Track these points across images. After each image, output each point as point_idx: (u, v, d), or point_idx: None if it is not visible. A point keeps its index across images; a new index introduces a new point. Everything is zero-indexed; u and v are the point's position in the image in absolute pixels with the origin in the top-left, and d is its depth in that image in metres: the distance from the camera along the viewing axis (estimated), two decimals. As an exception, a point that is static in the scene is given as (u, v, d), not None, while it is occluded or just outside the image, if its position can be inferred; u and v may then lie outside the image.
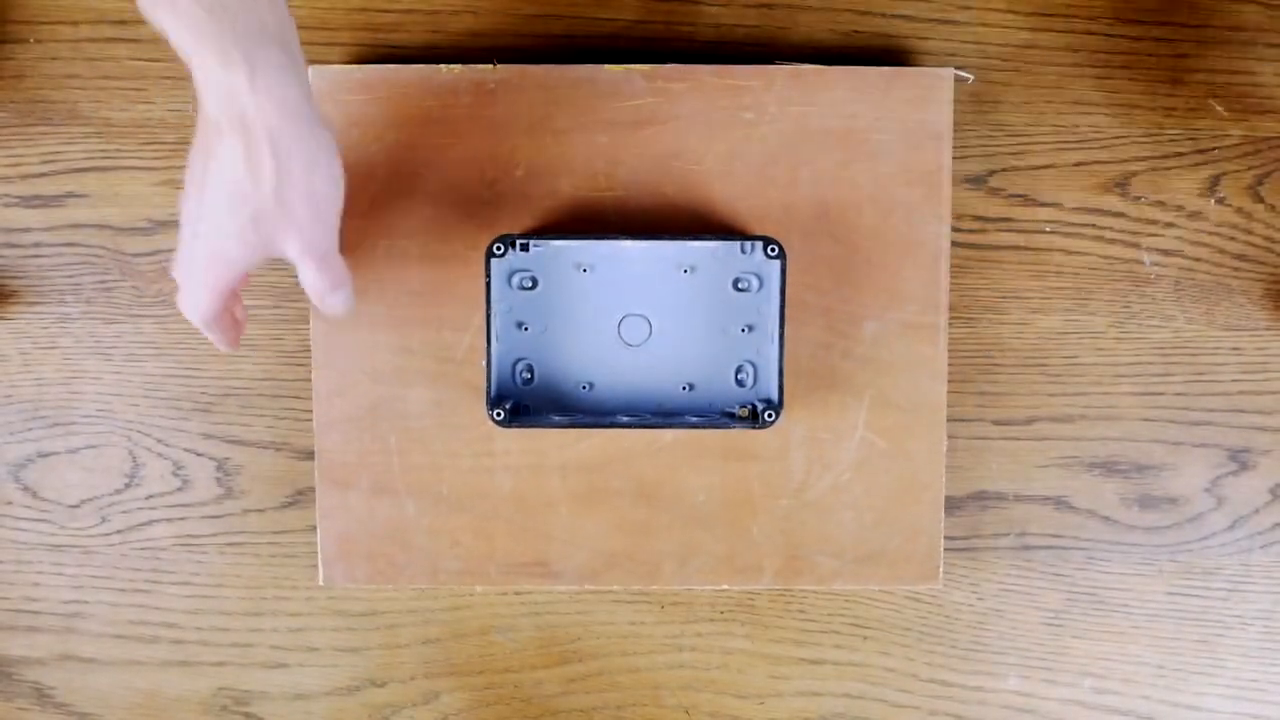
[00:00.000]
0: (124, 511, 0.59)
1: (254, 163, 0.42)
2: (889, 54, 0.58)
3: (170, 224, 0.58)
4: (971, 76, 0.58)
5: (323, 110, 0.55)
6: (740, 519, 0.57)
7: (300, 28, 0.58)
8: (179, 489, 0.59)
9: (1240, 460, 0.60)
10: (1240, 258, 0.59)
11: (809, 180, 0.56)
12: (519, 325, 0.55)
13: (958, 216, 0.58)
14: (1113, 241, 0.59)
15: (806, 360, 0.57)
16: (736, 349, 0.56)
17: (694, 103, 0.56)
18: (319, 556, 0.57)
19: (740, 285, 0.56)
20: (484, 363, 0.54)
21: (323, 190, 0.44)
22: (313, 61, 0.57)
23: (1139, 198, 0.59)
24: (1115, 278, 0.59)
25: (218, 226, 0.43)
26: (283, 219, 0.43)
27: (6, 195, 0.58)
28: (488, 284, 0.53)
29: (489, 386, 0.53)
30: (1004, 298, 0.59)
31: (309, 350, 0.57)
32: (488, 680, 0.60)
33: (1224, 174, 0.58)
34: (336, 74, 0.55)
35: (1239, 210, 0.59)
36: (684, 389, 0.56)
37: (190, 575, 0.60)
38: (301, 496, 0.59)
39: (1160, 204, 0.59)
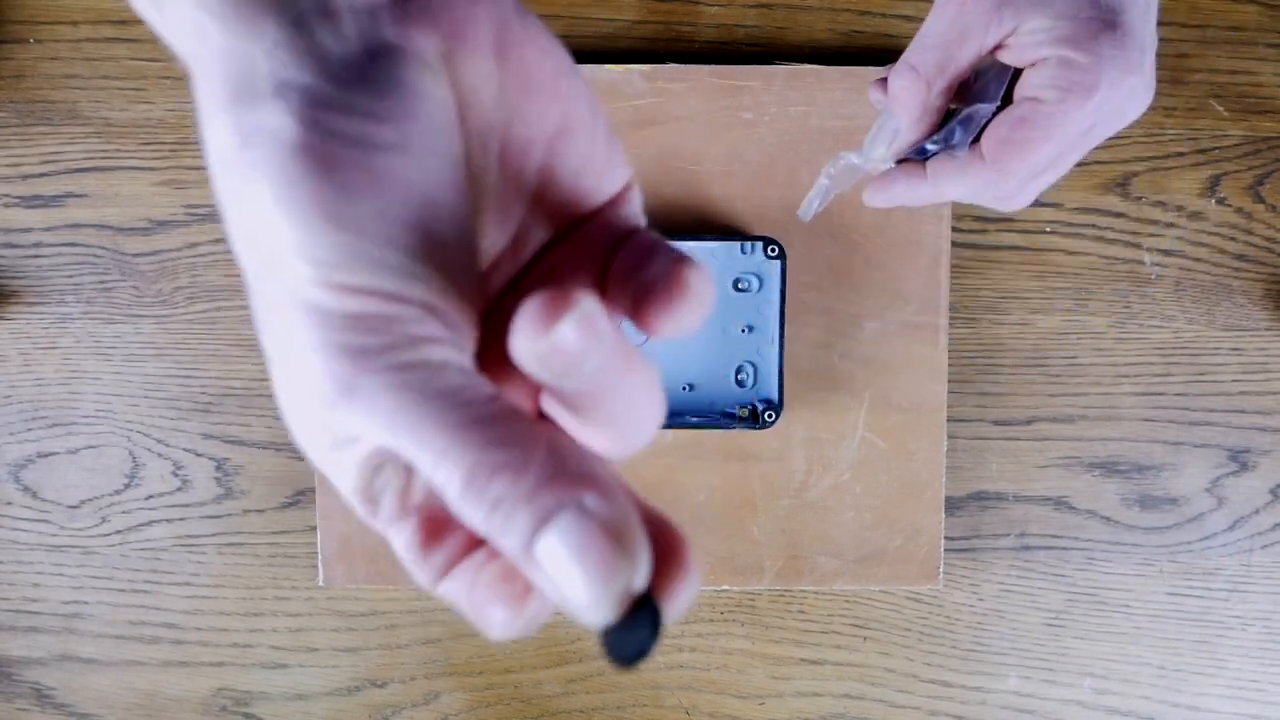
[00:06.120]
0: (124, 512, 0.59)
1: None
2: (889, 54, 0.58)
3: (169, 224, 0.58)
4: (972, 76, 0.58)
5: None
6: (741, 519, 0.57)
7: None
8: (179, 489, 0.59)
9: (1241, 460, 0.60)
10: (1241, 258, 0.59)
11: (809, 180, 0.56)
12: (519, 325, 0.55)
13: (958, 216, 0.58)
14: (1113, 242, 0.59)
15: (806, 360, 0.57)
16: (736, 349, 0.56)
17: (694, 103, 0.56)
18: (319, 557, 0.57)
19: (740, 285, 0.56)
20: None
21: (291, 233, 0.20)
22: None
23: (1139, 198, 0.59)
24: (1116, 278, 0.59)
25: None
26: None
27: (6, 195, 0.58)
28: (488, 284, 0.53)
29: (489, 387, 0.53)
30: (1004, 298, 0.59)
31: (309, 350, 0.57)
32: (488, 680, 0.60)
33: (1224, 174, 0.58)
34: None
35: (1239, 210, 0.59)
36: (684, 389, 0.56)
37: (190, 576, 0.60)
38: (301, 497, 0.59)
39: (1161, 204, 0.59)
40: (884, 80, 0.38)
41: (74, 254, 0.58)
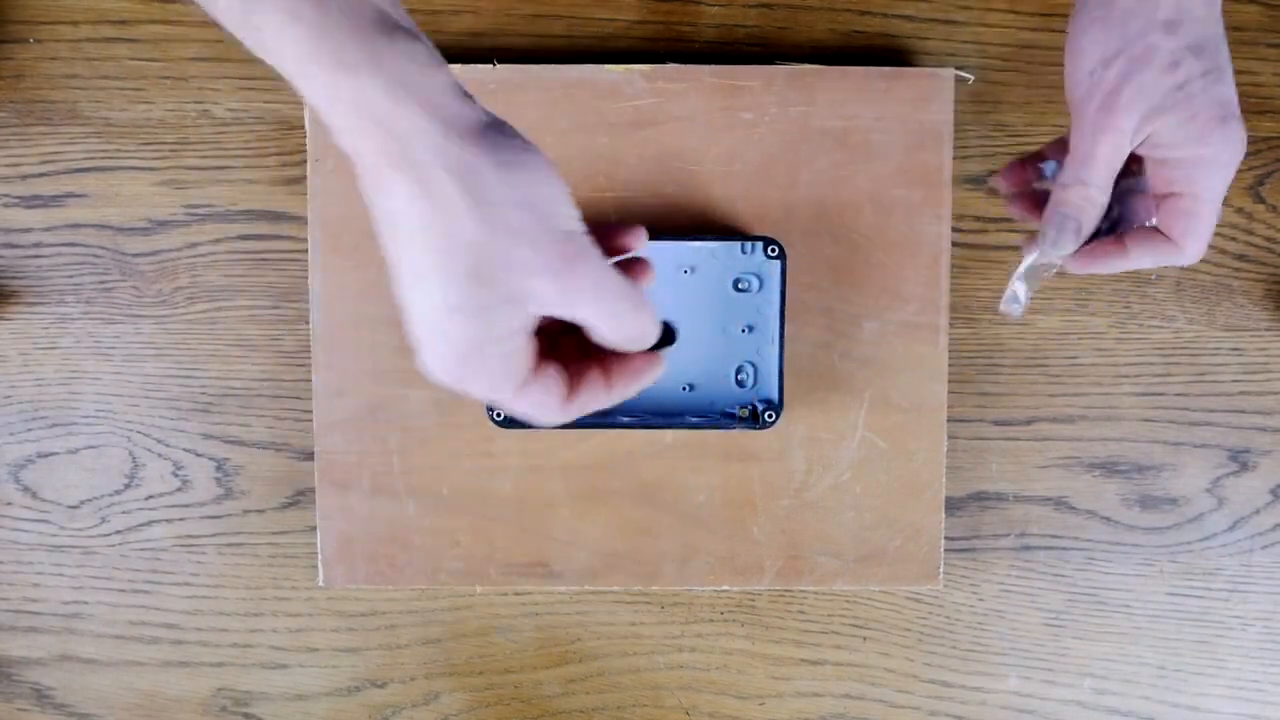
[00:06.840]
0: (124, 512, 0.59)
1: (434, 197, 0.30)
2: (889, 54, 0.58)
3: (169, 224, 0.58)
4: (972, 77, 0.58)
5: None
6: (741, 519, 0.57)
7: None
8: (179, 489, 0.59)
9: (1241, 461, 0.60)
10: (1241, 258, 0.59)
11: (809, 180, 0.56)
12: (519, 325, 0.55)
13: (958, 216, 0.58)
14: (1113, 242, 0.59)
15: (806, 360, 0.57)
16: (736, 349, 0.56)
17: (694, 103, 0.56)
18: (319, 557, 0.57)
19: (740, 285, 0.56)
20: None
21: (547, 197, 0.32)
22: (313, 62, 0.57)
23: (1139, 198, 0.58)
24: (1116, 278, 0.59)
25: (433, 306, 0.32)
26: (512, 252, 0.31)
27: (6, 195, 0.58)
28: (488, 284, 0.53)
29: (489, 387, 0.53)
30: (1004, 298, 0.59)
31: (309, 350, 0.57)
32: (488, 680, 0.60)
33: (1224, 174, 0.58)
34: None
35: (1240, 210, 0.59)
36: (684, 389, 0.56)
37: (190, 576, 0.60)
38: (301, 497, 0.59)
39: (1161, 204, 0.59)
40: (1025, 198, 0.48)
41: (74, 254, 0.58)
